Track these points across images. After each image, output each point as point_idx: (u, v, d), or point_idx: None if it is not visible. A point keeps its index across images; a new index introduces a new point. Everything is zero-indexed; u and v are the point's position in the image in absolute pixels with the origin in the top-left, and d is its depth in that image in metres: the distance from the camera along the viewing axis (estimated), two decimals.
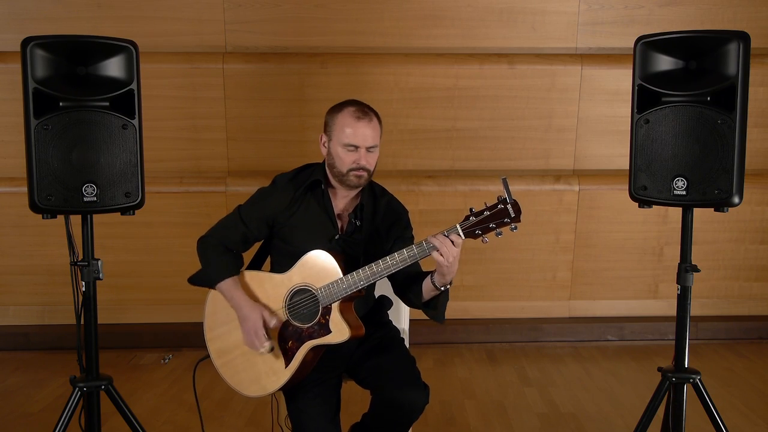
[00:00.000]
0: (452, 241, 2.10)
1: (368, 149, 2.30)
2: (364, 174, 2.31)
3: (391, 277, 2.39)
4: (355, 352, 2.40)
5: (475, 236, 2.11)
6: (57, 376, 3.80)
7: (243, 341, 2.31)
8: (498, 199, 2.09)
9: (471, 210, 2.12)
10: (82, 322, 2.40)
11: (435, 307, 2.32)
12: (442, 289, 2.24)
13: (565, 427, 3.23)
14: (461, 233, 2.11)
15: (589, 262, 4.48)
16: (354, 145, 2.28)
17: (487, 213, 2.10)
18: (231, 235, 2.39)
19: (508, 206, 2.07)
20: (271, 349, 2.27)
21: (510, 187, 2.09)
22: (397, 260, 2.16)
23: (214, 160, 4.30)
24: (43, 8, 4.13)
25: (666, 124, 2.31)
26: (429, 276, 2.25)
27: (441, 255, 2.10)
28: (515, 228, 2.10)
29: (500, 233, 2.11)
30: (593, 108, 4.34)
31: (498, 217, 2.09)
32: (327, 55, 4.23)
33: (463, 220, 2.12)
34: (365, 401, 2.37)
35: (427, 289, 2.27)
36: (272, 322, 2.27)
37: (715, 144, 2.24)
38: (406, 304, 2.43)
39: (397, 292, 2.43)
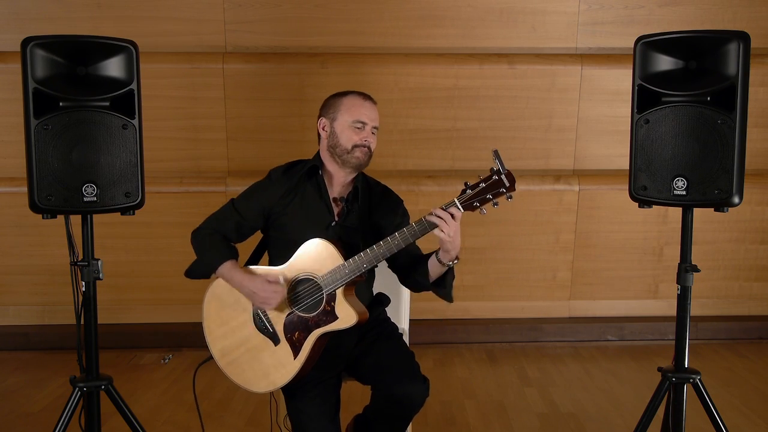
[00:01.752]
0: (452, 215, 2.14)
1: (373, 128, 2.39)
2: (367, 152, 2.38)
3: (394, 265, 2.40)
4: (354, 349, 2.40)
5: (473, 208, 2.16)
6: (57, 376, 3.80)
7: (251, 335, 2.31)
8: (491, 171, 2.15)
9: (466, 184, 2.17)
10: (82, 322, 2.40)
11: (443, 285, 2.34)
12: (449, 264, 2.26)
13: (565, 427, 3.23)
14: (460, 206, 2.15)
15: (589, 262, 4.48)
16: (363, 122, 2.37)
17: (482, 185, 2.15)
18: (225, 225, 2.42)
19: (503, 176, 2.14)
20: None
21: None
22: (398, 239, 2.18)
23: (214, 160, 4.30)
24: (43, 8, 4.13)
25: (666, 124, 2.31)
26: (434, 254, 2.28)
27: (442, 231, 2.14)
28: (510, 197, 2.16)
29: (497, 204, 2.16)
30: (593, 108, 4.34)
31: (493, 187, 2.14)
32: (327, 55, 4.23)
33: (460, 194, 2.17)
34: (365, 400, 2.37)
35: (434, 267, 2.30)
36: (280, 279, 2.28)
37: (715, 144, 2.24)
38: (413, 288, 2.44)
39: (402, 277, 2.45)
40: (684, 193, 2.30)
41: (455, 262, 2.26)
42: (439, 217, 2.14)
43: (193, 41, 4.22)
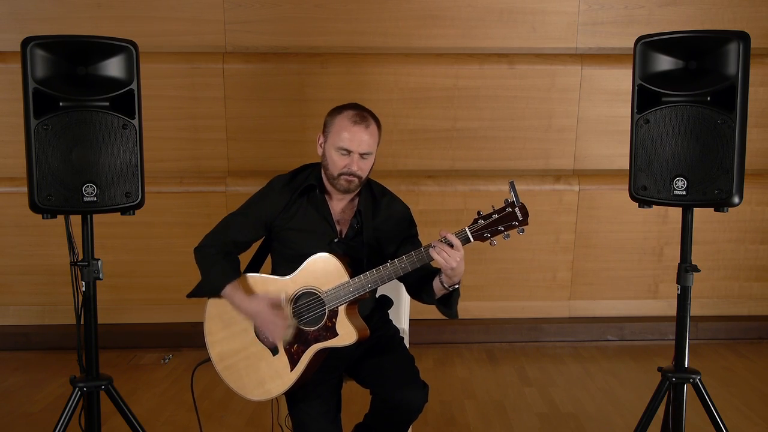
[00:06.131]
0: (452, 244, 2.11)
1: (362, 155, 2.29)
2: (354, 180, 2.30)
3: (403, 278, 2.39)
4: (355, 352, 2.40)
5: (484, 239, 2.14)
6: (57, 376, 3.80)
7: (250, 342, 2.30)
8: (505, 203, 2.13)
9: (479, 213, 2.15)
10: (82, 322, 2.40)
11: (449, 305, 2.32)
12: (451, 288, 2.25)
13: (565, 427, 3.23)
14: (470, 236, 2.14)
15: (589, 262, 4.48)
16: (347, 150, 2.27)
17: (495, 216, 2.14)
18: (226, 239, 2.39)
19: (516, 209, 2.12)
20: (292, 338, 2.26)
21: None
22: (405, 263, 2.18)
23: (214, 160, 4.30)
24: (43, 8, 4.13)
25: (666, 124, 2.31)
26: (438, 275, 2.26)
27: (443, 260, 2.12)
28: (522, 231, 2.15)
29: (508, 236, 2.15)
30: (593, 108, 4.34)
31: (506, 220, 2.13)
32: (327, 55, 4.23)
33: (472, 224, 2.15)
34: (365, 401, 2.37)
35: (437, 288, 2.28)
36: (282, 302, 2.25)
37: (715, 144, 2.24)
38: (419, 302, 2.43)
39: (410, 291, 2.44)
40: (684, 193, 2.30)
41: (457, 286, 2.25)
42: (438, 251, 2.11)
43: (193, 41, 4.22)
